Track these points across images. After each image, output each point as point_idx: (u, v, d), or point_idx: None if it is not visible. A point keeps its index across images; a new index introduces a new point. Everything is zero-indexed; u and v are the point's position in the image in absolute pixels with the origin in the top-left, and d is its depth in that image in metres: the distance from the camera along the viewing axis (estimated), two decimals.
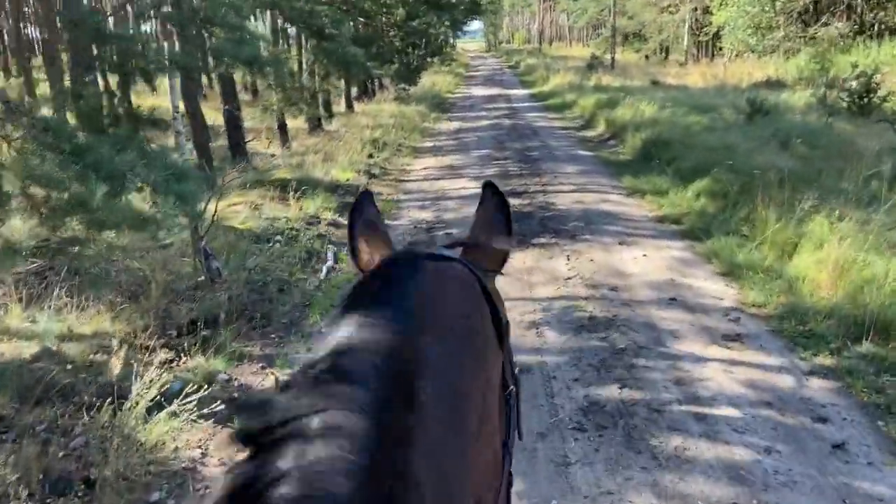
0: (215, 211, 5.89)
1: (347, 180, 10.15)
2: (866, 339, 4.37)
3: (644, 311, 5.02)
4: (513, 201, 8.94)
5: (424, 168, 11.66)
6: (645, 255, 6.29)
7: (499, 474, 0.88)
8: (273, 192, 8.96)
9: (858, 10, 25.08)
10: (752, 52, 28.37)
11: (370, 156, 12.13)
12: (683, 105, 15.18)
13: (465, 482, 0.73)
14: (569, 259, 6.25)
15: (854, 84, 13.63)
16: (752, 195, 7.32)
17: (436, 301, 0.79)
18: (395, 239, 1.02)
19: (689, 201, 7.94)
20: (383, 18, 12.32)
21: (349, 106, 18.82)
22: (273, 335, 5.06)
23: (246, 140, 11.44)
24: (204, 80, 17.16)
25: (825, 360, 4.29)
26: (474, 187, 9.54)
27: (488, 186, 1.05)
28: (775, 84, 21.73)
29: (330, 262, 6.60)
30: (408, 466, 0.60)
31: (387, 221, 2.65)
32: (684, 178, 8.92)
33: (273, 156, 12.11)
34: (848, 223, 5.80)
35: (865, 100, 13.38)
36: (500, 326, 0.89)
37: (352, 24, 12.33)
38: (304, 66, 10.84)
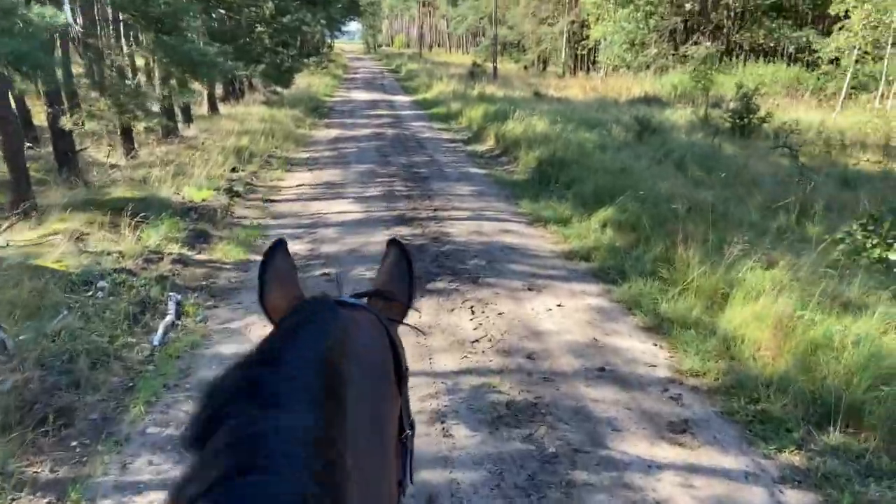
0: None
1: (203, 200, 8.55)
2: (833, 427, 3.64)
3: (571, 390, 4.06)
4: (402, 231, 7.79)
5: (298, 185, 10.24)
6: (560, 306, 5.37)
7: None
8: (106, 216, 7.24)
9: (726, 31, 26.38)
10: (627, 67, 29.13)
11: (233, 169, 10.53)
12: (571, 120, 14.79)
13: (378, 489, 0.82)
14: (473, 312, 5.20)
15: (735, 104, 13.78)
16: (665, 229, 6.67)
17: (351, 335, 0.85)
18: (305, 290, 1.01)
19: (596, 234, 7.18)
20: (250, 12, 10.74)
21: (212, 108, 16.88)
22: (74, 442, 3.58)
23: (78, 148, 9.47)
24: None
25: (792, 456, 3.50)
26: (356, 212, 8.31)
27: (393, 244, 1.13)
28: (652, 100, 22.18)
29: (170, 317, 5.13)
30: (343, 450, 0.67)
31: (251, 257, 1.65)
32: (586, 205, 8.21)
33: (113, 167, 10.19)
34: (781, 270, 5.19)
35: (746, 120, 13.54)
36: (401, 372, 0.96)
37: (212, 16, 10.70)
38: (151, 65, 9.02)
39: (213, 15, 10.80)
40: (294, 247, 7.08)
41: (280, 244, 1.06)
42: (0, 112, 7.19)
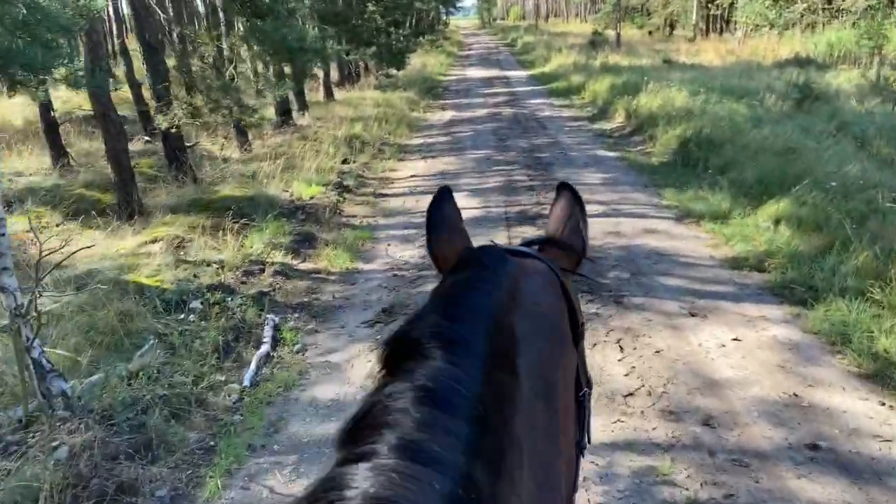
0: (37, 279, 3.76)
1: (312, 198, 7.97)
2: None
3: (776, 483, 2.92)
4: (525, 230, 6.82)
5: (411, 176, 9.47)
6: (736, 340, 4.17)
7: (572, 470, 0.93)
8: (210, 219, 6.80)
9: None
10: (771, 26, 26.03)
11: (344, 160, 9.93)
12: (712, 89, 13.00)
13: (554, 455, 0.81)
14: (622, 349, 4.13)
15: None
16: (867, 229, 5.21)
17: (523, 287, 0.83)
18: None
19: (767, 234, 5.81)
20: None
21: (328, 94, 16.55)
22: None
23: (189, 144, 9.21)
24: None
25: None
26: (473, 207, 7.39)
27: (563, 187, 1.11)
28: (805, 62, 19.48)
29: (265, 347, 4.47)
30: (511, 423, 0.67)
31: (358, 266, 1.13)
32: (749, 195, 6.79)
33: (226, 161, 9.90)
34: None
35: None
36: (577, 327, 0.93)
37: None
38: (244, 54, 8.50)
39: None
40: (404, 252, 6.31)
41: (446, 192, 1.04)
42: (102, 109, 6.90)
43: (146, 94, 10.82)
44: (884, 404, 3.49)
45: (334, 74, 18.75)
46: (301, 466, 3.23)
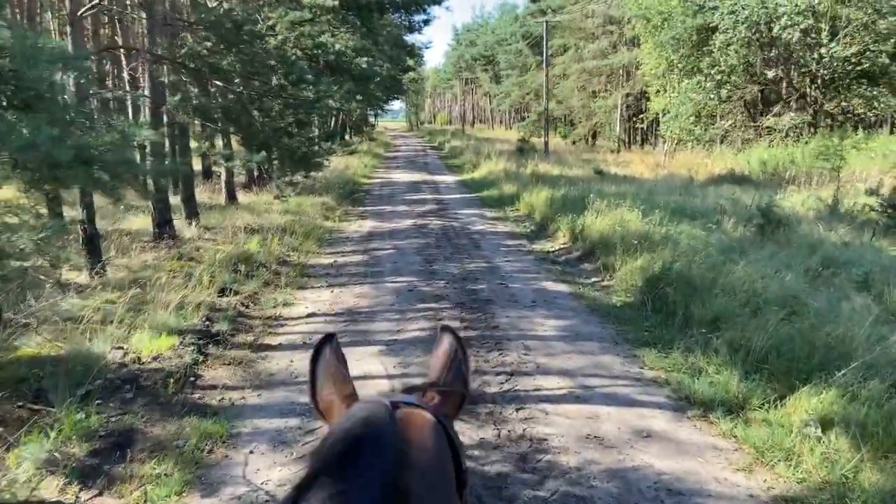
0: None
1: (156, 357, 5.61)
2: None
3: None
4: (464, 428, 4.64)
5: (309, 315, 7.27)
6: None
7: None
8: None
9: (812, 100, 23.30)
10: (697, 141, 26.18)
11: (222, 290, 7.66)
12: (654, 205, 11.72)
13: None
14: None
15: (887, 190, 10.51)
16: None
17: (410, 441, 0.81)
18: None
19: (815, 446, 3.93)
20: (252, 84, 8.13)
21: (231, 197, 14.38)
22: None
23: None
24: None
25: None
26: (386, 376, 5.25)
27: (445, 330, 1.07)
28: (740, 179, 19.03)
29: None
30: None
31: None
32: (764, 371, 4.98)
33: (63, 291, 7.43)
34: None
35: None
36: (461, 472, 0.91)
37: (203, 89, 8.16)
38: None
39: (192, 86, 8.24)
40: (274, 472, 3.94)
41: (330, 338, 1.04)
42: None
43: None
44: None
45: (248, 172, 16.72)
46: None
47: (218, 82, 7.56)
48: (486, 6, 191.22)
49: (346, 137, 46.02)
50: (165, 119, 8.28)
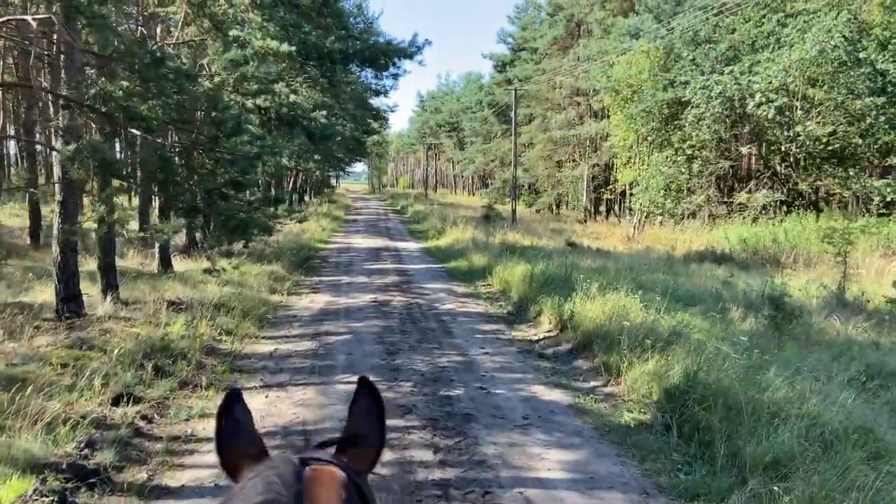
0: None
1: None
2: None
3: None
4: None
5: None
6: None
7: None
8: None
9: (784, 178, 22.88)
10: (670, 215, 25.46)
11: (117, 399, 5.80)
12: (641, 286, 10.40)
13: None
14: None
15: None
16: None
17: (316, 501, 0.80)
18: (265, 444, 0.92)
19: None
20: (178, 135, 6.51)
21: (165, 264, 12.51)
22: None
23: None
24: None
25: None
26: None
27: (362, 382, 1.05)
28: (721, 258, 18.05)
29: None
30: None
31: None
32: None
33: None
34: None
35: None
36: None
37: (101, 137, 6.54)
38: None
39: (102, 135, 6.59)
40: None
41: (235, 394, 1.01)
42: None
43: None
44: None
45: (190, 236, 14.91)
46: None
47: (134, 130, 5.97)
48: (452, 75, 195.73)
49: (306, 198, 44.56)
50: (58, 172, 6.59)
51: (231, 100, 7.49)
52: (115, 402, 5.72)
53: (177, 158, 6.32)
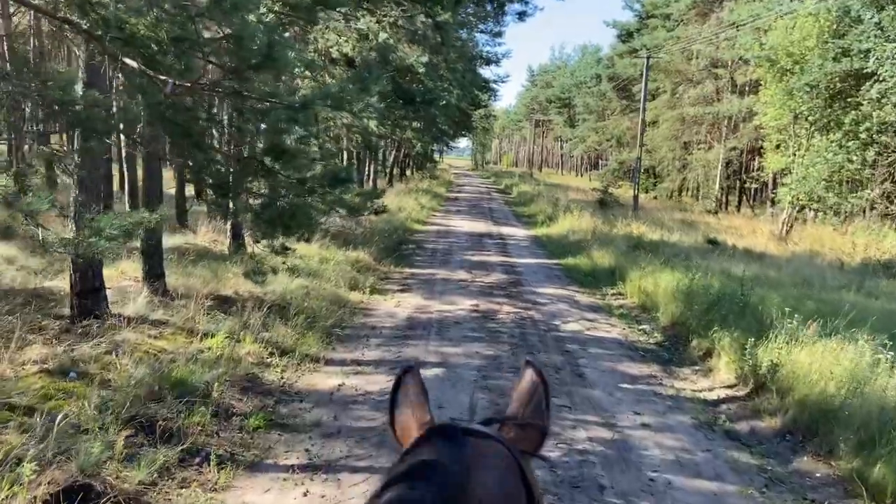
0: None
1: None
2: None
3: None
4: None
5: None
6: None
7: None
8: None
9: None
10: (835, 212, 21.20)
11: (69, 493, 3.58)
12: (836, 309, 7.17)
13: None
14: None
15: None
16: None
17: (480, 481, 0.79)
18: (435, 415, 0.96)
19: None
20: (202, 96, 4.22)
21: (237, 244, 10.55)
22: None
23: None
24: None
25: None
26: None
27: (528, 365, 1.05)
28: None
29: None
30: None
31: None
32: None
33: None
34: None
35: None
36: None
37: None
38: None
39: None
40: None
41: (412, 368, 1.05)
42: None
43: None
44: None
45: None
46: None
47: (130, 61, 3.68)
48: (566, 48, 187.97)
49: (407, 172, 42.61)
50: None
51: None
52: (67, 495, 3.48)
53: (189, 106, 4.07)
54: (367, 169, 30.39)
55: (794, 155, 23.18)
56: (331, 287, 9.62)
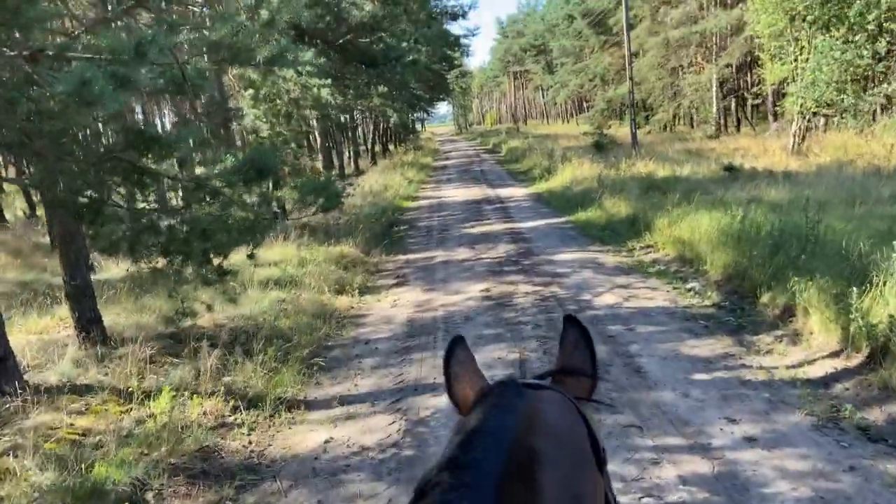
0: None
1: None
2: None
3: None
4: None
5: None
6: None
7: None
8: None
9: None
10: (851, 115, 19.52)
11: None
12: None
13: None
14: None
15: None
16: None
17: (543, 414, 0.84)
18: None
19: None
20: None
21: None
22: None
23: None
24: None
25: None
26: None
27: (570, 320, 1.09)
28: None
29: None
30: None
31: None
32: None
33: None
34: None
35: None
36: (599, 452, 0.91)
37: None
38: None
39: None
40: None
41: (460, 340, 1.09)
42: None
43: None
44: None
45: None
46: None
47: None
48: None
49: (391, 148, 40.73)
50: None
51: None
52: None
53: None
54: (347, 150, 28.69)
55: (796, 61, 21.37)
56: (313, 295, 8.10)
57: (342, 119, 16.12)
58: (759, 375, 4.67)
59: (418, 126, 62.33)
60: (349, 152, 28.91)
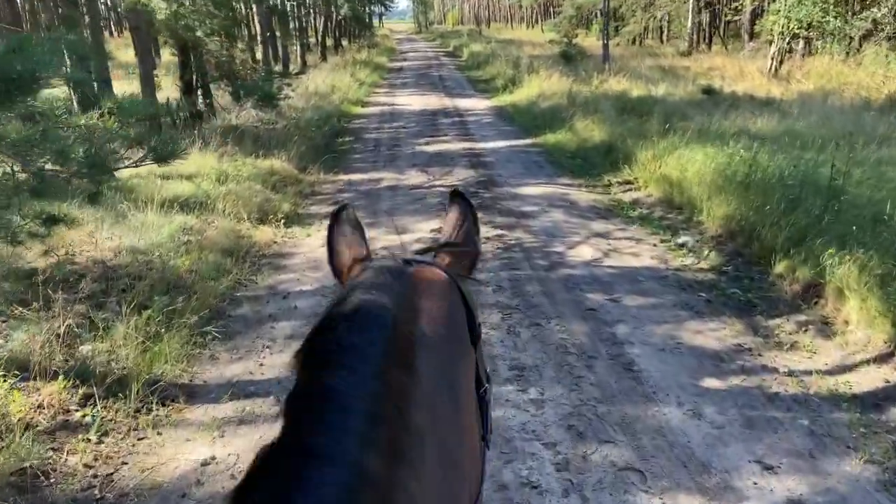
0: None
1: None
2: None
3: None
4: None
5: None
6: None
7: (478, 463, 0.94)
8: None
9: None
10: (835, 39, 18.32)
11: None
12: None
13: (459, 446, 0.81)
14: None
15: None
16: None
17: (420, 294, 0.83)
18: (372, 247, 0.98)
19: None
20: None
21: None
22: None
23: None
24: None
25: None
26: None
27: (455, 195, 1.11)
28: None
29: None
30: (407, 415, 0.67)
31: None
32: None
33: None
34: None
35: None
36: (475, 328, 0.93)
37: None
38: None
39: None
40: None
41: (345, 208, 1.05)
42: None
43: None
44: None
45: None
46: None
47: None
48: None
49: (344, 43, 37.65)
50: None
51: None
52: None
53: None
54: (294, 46, 26.04)
55: None
56: (228, 223, 6.64)
57: (287, 5, 13.93)
58: (789, 386, 3.58)
59: (375, 21, 58.26)
60: (298, 46, 26.26)
